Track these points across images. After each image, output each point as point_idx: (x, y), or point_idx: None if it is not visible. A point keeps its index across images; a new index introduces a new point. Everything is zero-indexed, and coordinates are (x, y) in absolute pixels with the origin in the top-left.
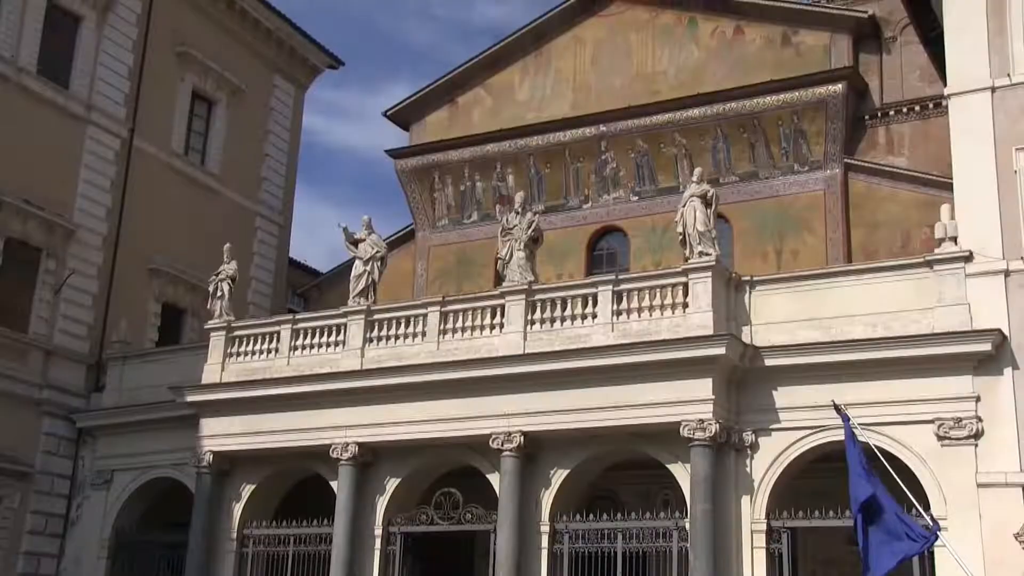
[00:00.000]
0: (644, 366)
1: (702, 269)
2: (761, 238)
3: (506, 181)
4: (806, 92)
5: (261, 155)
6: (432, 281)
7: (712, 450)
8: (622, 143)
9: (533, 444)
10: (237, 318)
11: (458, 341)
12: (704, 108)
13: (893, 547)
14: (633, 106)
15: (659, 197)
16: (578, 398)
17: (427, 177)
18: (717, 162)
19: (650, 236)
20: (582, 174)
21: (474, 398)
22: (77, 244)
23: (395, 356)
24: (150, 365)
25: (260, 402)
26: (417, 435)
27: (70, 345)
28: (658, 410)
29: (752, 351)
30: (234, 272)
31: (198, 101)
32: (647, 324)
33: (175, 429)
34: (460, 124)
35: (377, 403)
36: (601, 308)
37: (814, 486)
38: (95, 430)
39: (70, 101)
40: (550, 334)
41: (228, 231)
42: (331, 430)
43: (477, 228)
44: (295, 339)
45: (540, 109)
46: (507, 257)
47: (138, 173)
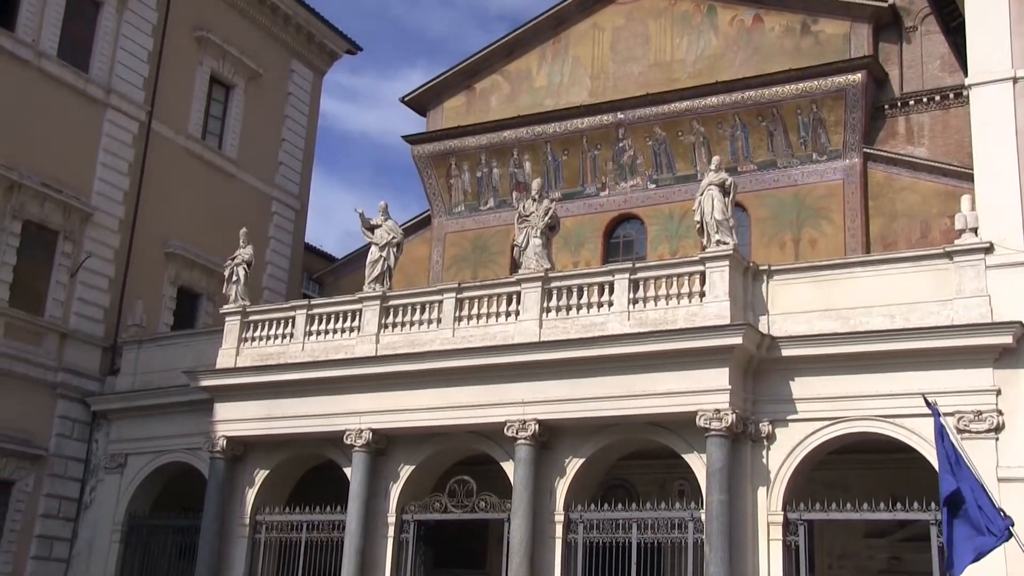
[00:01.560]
0: (660, 355)
1: (719, 258)
2: (779, 227)
3: (523, 168)
4: (825, 81)
5: (278, 140)
6: (448, 267)
7: (728, 440)
8: (640, 130)
9: (548, 432)
10: (252, 303)
11: (473, 328)
12: (722, 96)
13: (975, 542)
14: (651, 93)
15: (676, 185)
16: (594, 386)
17: (444, 163)
18: (735, 150)
19: (667, 224)
20: (599, 161)
21: (489, 385)
22: (94, 227)
23: (410, 342)
24: (165, 349)
25: (274, 387)
26: (431, 422)
27: (85, 328)
28: (674, 399)
29: (769, 341)
30: (250, 257)
31: (216, 86)
32: (663, 313)
33: (189, 413)
34: (477, 110)
35: (392, 389)
36: (617, 296)
37: (831, 478)
38: (109, 413)
39: (89, 85)
40: (566, 322)
41: (244, 215)
42: (345, 416)
43: (493, 215)
44: (310, 324)
45: (558, 96)
46: (523, 244)
47: (155, 157)
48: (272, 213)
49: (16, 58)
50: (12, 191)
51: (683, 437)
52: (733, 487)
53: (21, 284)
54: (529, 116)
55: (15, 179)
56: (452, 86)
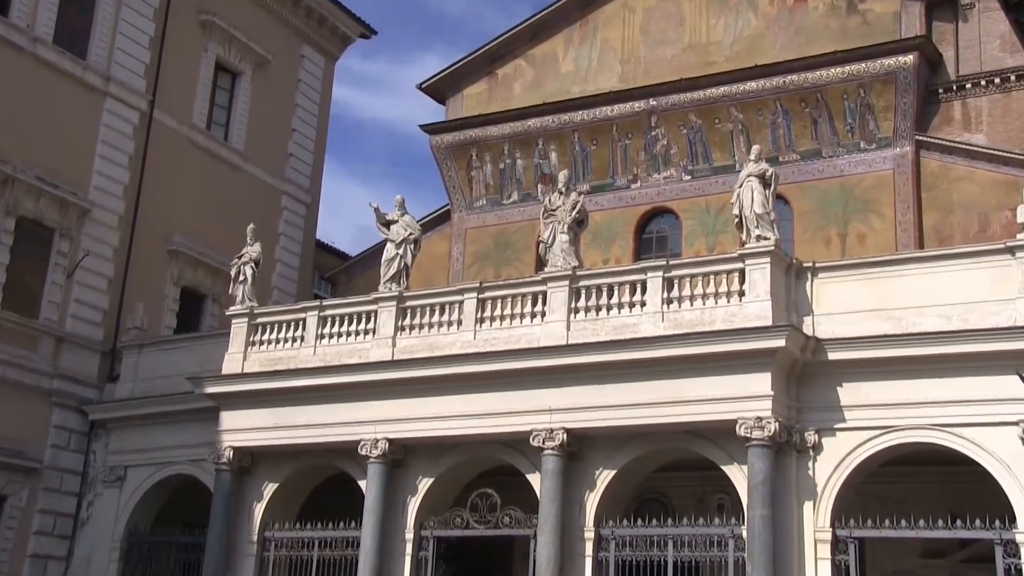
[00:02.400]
0: (697, 359)
1: (760, 254)
2: (824, 221)
3: (549, 159)
4: (874, 63)
5: (288, 130)
6: (469, 266)
7: (771, 451)
8: (674, 118)
9: (577, 442)
10: (260, 304)
11: (496, 330)
12: (763, 81)
13: None
14: (686, 78)
15: (713, 176)
16: (626, 392)
17: (464, 154)
18: (776, 139)
19: (704, 218)
20: (630, 151)
21: (514, 392)
22: (92, 224)
23: (429, 346)
24: (168, 354)
25: (284, 394)
26: (452, 431)
27: (83, 332)
28: (712, 407)
29: (814, 343)
30: (258, 255)
31: (222, 73)
32: (700, 313)
33: (193, 422)
34: (499, 97)
35: (409, 396)
36: (650, 296)
37: (884, 492)
38: (108, 423)
39: (87, 72)
40: (595, 323)
41: (252, 210)
42: (360, 425)
43: (517, 209)
44: (322, 327)
45: (585, 81)
46: (549, 240)
47: (157, 148)
48: (281, 208)
49: (10, 44)
50: (5, 185)
51: (722, 447)
52: (777, 501)
53: (14, 285)
54: (555, 103)
55: (9, 173)
56: (472, 72)
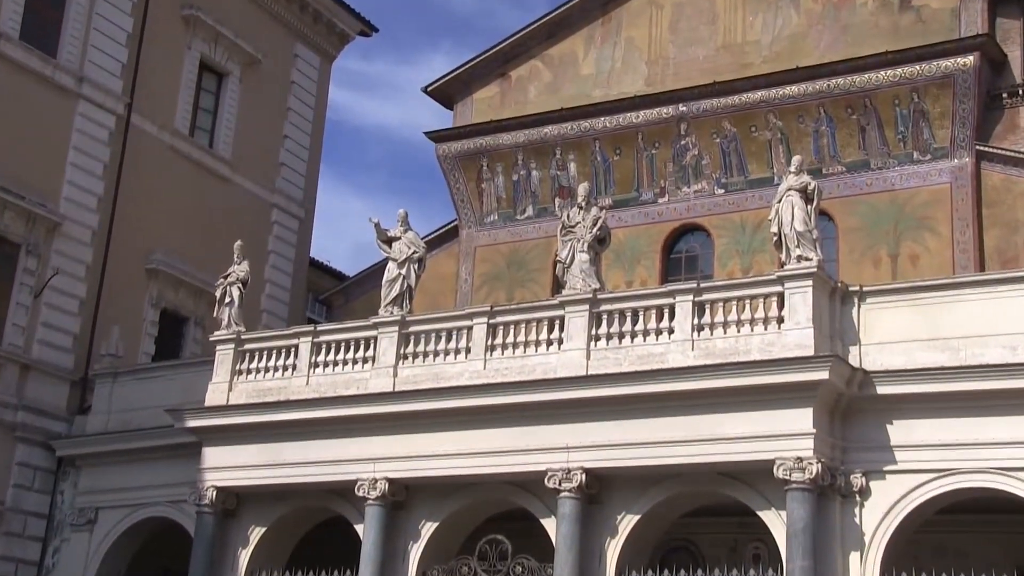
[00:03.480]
0: (731, 392)
1: (801, 277)
2: (872, 240)
3: (567, 170)
4: (929, 65)
5: (279, 136)
6: (478, 287)
7: (813, 495)
8: (706, 126)
9: (597, 483)
10: (248, 329)
11: (508, 359)
12: (805, 84)
13: None
14: (719, 82)
15: (749, 190)
16: (651, 429)
17: (474, 164)
18: (819, 149)
19: (738, 236)
20: (657, 162)
21: (527, 427)
22: (62, 239)
23: (434, 376)
24: (145, 383)
25: (274, 429)
26: (459, 470)
27: (51, 358)
28: (747, 445)
29: (861, 376)
30: (245, 274)
31: (207, 73)
32: (734, 342)
33: (172, 460)
34: (513, 102)
35: (412, 432)
36: (679, 322)
37: (941, 542)
38: (78, 460)
39: (58, 72)
40: (618, 352)
41: (239, 225)
42: (357, 463)
43: (532, 225)
44: (316, 355)
45: (608, 85)
46: (568, 260)
47: (136, 156)
48: (272, 223)
49: None
50: None
51: (758, 490)
52: (819, 551)
53: None
54: (574, 109)
55: None
56: (484, 74)
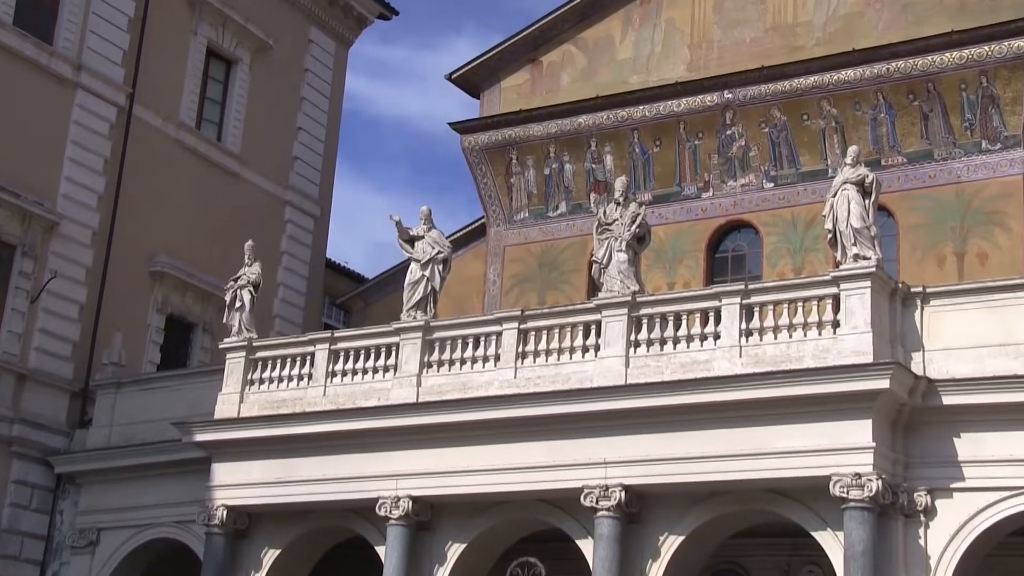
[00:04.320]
0: (782, 403)
1: (858, 277)
2: (936, 237)
3: (603, 163)
4: (1000, 46)
5: (293, 129)
6: (508, 290)
7: (873, 514)
8: (754, 114)
9: (637, 501)
10: (260, 335)
11: (541, 367)
12: (862, 68)
13: None
14: (768, 66)
15: (801, 184)
16: (696, 443)
17: (503, 157)
18: (878, 138)
19: (789, 233)
20: (701, 154)
21: (562, 441)
22: (61, 240)
23: (460, 386)
24: (150, 395)
25: (288, 443)
26: (488, 488)
27: (49, 368)
28: (801, 460)
29: (925, 385)
30: (257, 277)
31: (214, 61)
32: (785, 348)
33: (180, 477)
34: (544, 90)
35: (437, 446)
36: (726, 327)
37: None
38: (78, 477)
39: (54, 60)
40: (659, 360)
41: (250, 224)
42: (378, 480)
43: (566, 222)
44: (334, 363)
45: (647, 70)
46: (604, 260)
47: (138, 151)
48: (285, 221)
49: None
50: None
51: (813, 509)
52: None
53: None
54: (611, 96)
55: None
56: (512, 59)
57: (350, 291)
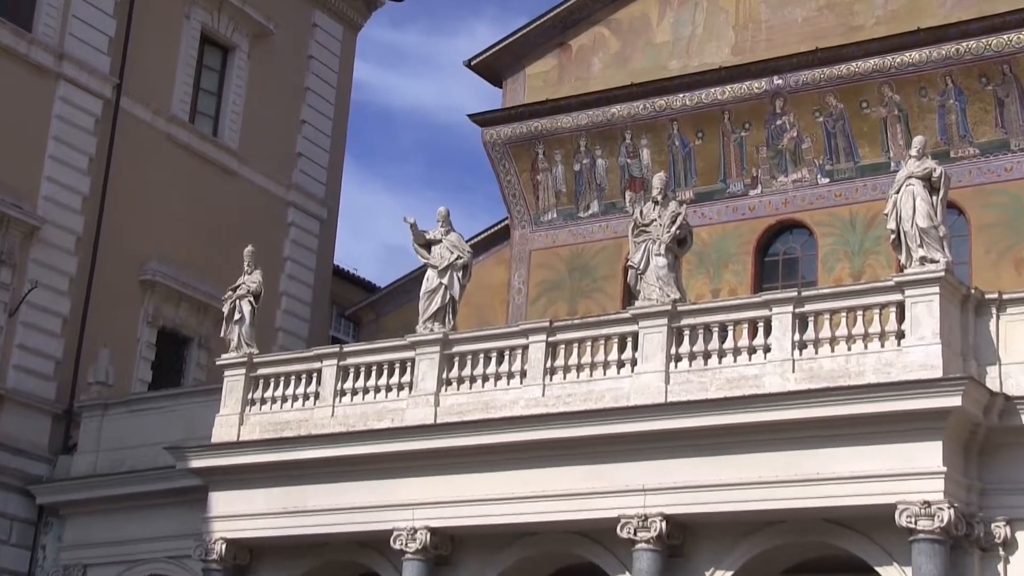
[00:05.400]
0: (840, 422)
1: (925, 282)
2: (1014, 238)
3: (639, 157)
4: None
5: (296, 122)
6: (535, 299)
7: (944, 547)
8: (806, 102)
9: (680, 532)
10: (262, 350)
11: (572, 384)
12: (928, 50)
13: None
14: (822, 48)
15: (860, 179)
16: (744, 467)
17: (528, 152)
18: (946, 127)
19: (847, 234)
20: (748, 146)
21: (595, 466)
22: (42, 246)
23: (483, 405)
24: (140, 416)
25: (294, 469)
26: (513, 518)
27: (29, 388)
28: (862, 487)
29: (1002, 402)
30: (258, 286)
31: (209, 48)
32: (844, 362)
33: (174, 507)
34: (573, 77)
35: (457, 472)
36: (777, 338)
37: None
38: (62, 508)
39: (33, 48)
40: (703, 375)
41: (250, 228)
42: (393, 509)
43: (598, 223)
44: (343, 380)
45: (688, 55)
46: (641, 265)
47: (127, 147)
48: (288, 224)
49: None
50: None
51: (877, 542)
52: None
53: None
54: (648, 84)
55: None
56: (538, 43)
57: (360, 301)
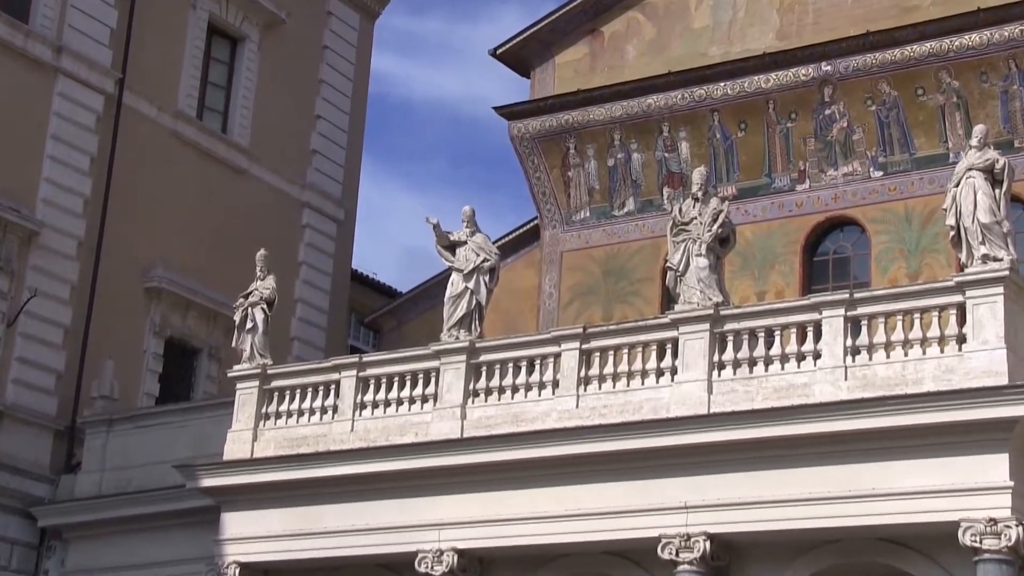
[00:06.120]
0: (897, 434)
1: (988, 282)
2: None
3: (678, 151)
4: None
5: (311, 117)
6: (567, 304)
7: (1013, 568)
8: (857, 89)
9: (725, 552)
10: (276, 361)
11: (607, 395)
12: (989, 31)
13: None
14: (874, 31)
15: (916, 171)
16: (793, 482)
17: (558, 146)
18: (1010, 115)
19: (902, 231)
20: (795, 138)
21: (633, 482)
22: (41, 252)
23: (512, 418)
24: (148, 433)
25: (311, 488)
26: (546, 538)
27: (29, 403)
28: (922, 503)
29: None
30: (271, 293)
31: (217, 39)
32: (900, 369)
33: (184, 529)
34: (607, 66)
35: (486, 489)
36: (828, 343)
37: None
38: (65, 531)
39: (31, 41)
40: (748, 384)
41: (262, 231)
42: (417, 530)
43: (634, 223)
44: (362, 392)
45: (729, 41)
46: (681, 266)
47: (130, 146)
48: (303, 226)
49: None
50: None
51: (939, 562)
52: None
53: None
54: (686, 72)
55: None
56: (568, 30)
57: (380, 308)
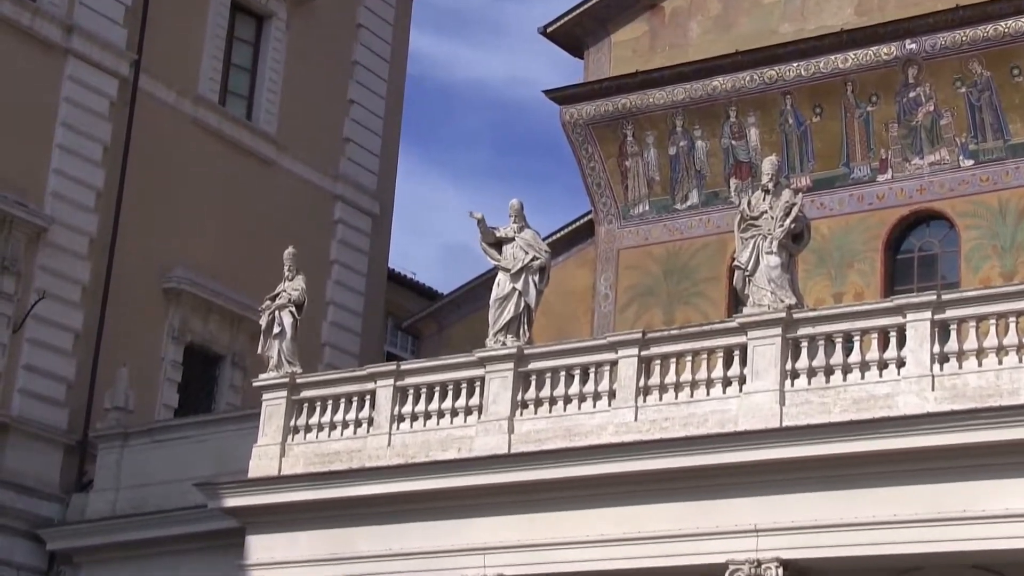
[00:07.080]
0: (992, 450)
1: None
2: None
3: (746, 138)
4: None
5: (343, 102)
6: (624, 306)
7: None
8: (945, 69)
9: None
10: (306, 369)
11: (669, 406)
12: None
13: None
14: (964, 5)
15: (1011, 160)
16: (874, 503)
17: (615, 134)
18: None
19: (996, 226)
20: (876, 124)
21: (698, 502)
22: (50, 251)
23: (564, 432)
24: (165, 447)
25: (344, 508)
26: (601, 564)
27: (37, 415)
28: (1017, 527)
29: None
30: (300, 294)
31: (241, 17)
32: (994, 378)
33: (205, 553)
34: (667, 45)
35: (535, 510)
36: (913, 350)
37: None
38: (77, 555)
39: (39, 21)
40: (823, 395)
41: (291, 227)
42: (460, 555)
43: (697, 217)
44: (400, 404)
45: (803, 17)
46: (750, 265)
47: (146, 135)
48: (335, 222)
49: None
50: None
51: None
52: None
53: None
54: (755, 52)
55: None
56: (625, 6)
57: (420, 311)
